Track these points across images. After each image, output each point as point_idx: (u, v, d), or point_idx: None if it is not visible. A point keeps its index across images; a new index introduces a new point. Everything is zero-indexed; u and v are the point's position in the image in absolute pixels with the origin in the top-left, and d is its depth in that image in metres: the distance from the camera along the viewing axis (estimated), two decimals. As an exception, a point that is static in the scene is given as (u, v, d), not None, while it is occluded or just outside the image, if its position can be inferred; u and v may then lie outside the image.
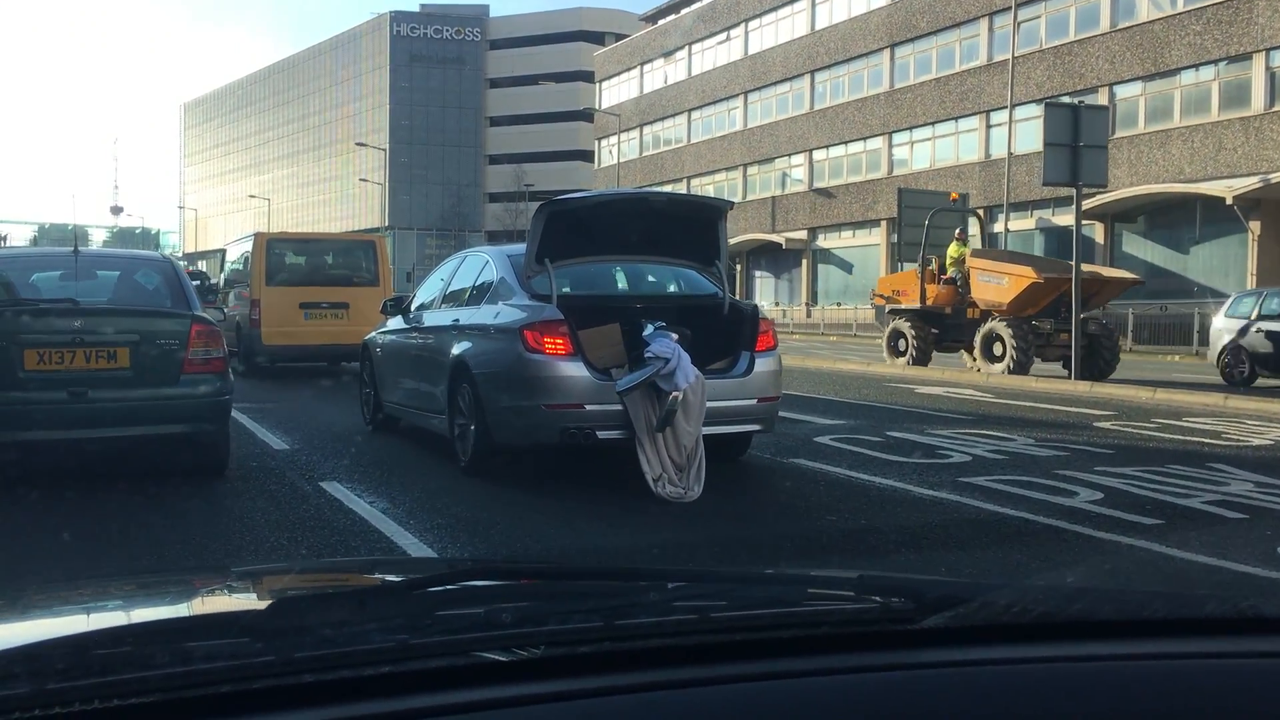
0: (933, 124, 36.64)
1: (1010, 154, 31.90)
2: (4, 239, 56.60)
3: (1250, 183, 25.41)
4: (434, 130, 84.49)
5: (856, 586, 1.46)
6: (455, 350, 7.53)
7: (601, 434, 6.68)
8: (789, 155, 43.44)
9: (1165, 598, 1.65)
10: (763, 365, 7.18)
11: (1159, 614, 1.31)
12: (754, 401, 7.15)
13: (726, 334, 7.33)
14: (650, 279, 8.40)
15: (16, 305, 6.90)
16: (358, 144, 74.69)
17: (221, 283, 17.49)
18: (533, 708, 0.99)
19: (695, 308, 7.64)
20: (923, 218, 19.78)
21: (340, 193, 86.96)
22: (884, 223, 37.91)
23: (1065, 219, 30.56)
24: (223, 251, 18.31)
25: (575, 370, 6.69)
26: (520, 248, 8.01)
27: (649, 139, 52.76)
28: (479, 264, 8.15)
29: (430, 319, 8.48)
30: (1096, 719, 1.02)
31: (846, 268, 41.26)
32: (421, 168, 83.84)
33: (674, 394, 6.54)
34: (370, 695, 1.00)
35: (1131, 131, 29.75)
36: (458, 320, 7.76)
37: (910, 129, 37.56)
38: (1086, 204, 28.64)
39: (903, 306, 19.21)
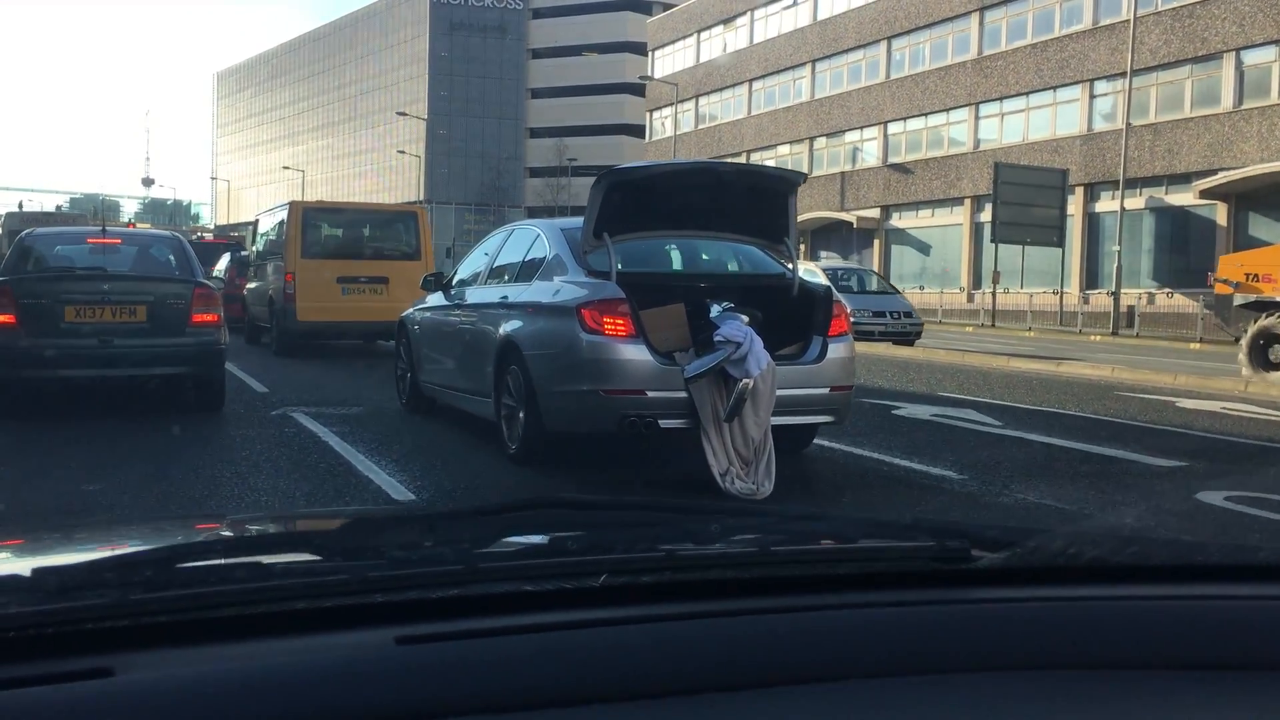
0: (1027, 94, 35.26)
1: (1128, 125, 29.34)
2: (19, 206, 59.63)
3: None
4: (474, 101, 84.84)
5: (912, 528, 1.58)
6: (503, 329, 7.34)
7: (664, 423, 6.46)
8: (860, 128, 42.58)
9: (1219, 546, 1.79)
10: (836, 351, 6.92)
11: (1213, 559, 1.39)
12: (826, 390, 6.89)
13: (796, 317, 7.08)
14: (711, 256, 8.16)
15: (58, 272, 9.44)
16: (398, 113, 74.93)
17: (254, 254, 17.41)
18: (596, 630, 1.04)
19: (762, 288, 7.39)
20: (1020, 195, 19.07)
21: (377, 165, 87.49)
22: (968, 201, 37.02)
23: (1179, 198, 29.84)
24: (254, 222, 18.13)
25: (637, 353, 6.47)
26: (574, 222, 7.80)
27: (705, 111, 52.35)
28: (529, 238, 7.95)
29: (474, 296, 8.30)
30: (1147, 653, 1.06)
31: (924, 249, 40.28)
32: (460, 140, 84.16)
33: (744, 381, 6.31)
34: (438, 616, 1.05)
35: (1261, 102, 28.08)
36: (506, 297, 7.57)
37: (1000, 99, 36.30)
38: (1207, 183, 27.90)
39: (1272, 299, 14.14)
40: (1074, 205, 31.54)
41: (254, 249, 17.67)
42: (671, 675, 1.00)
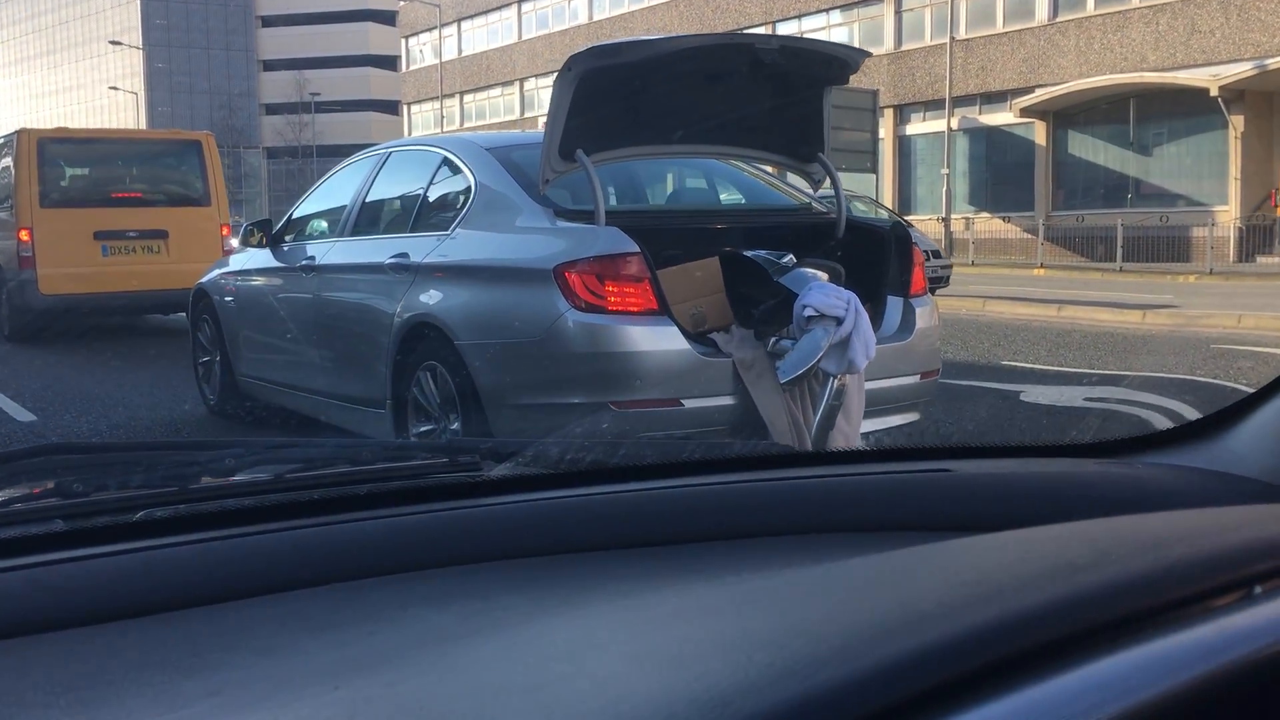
0: (827, 10, 33.46)
1: (952, 40, 28.62)
2: None
3: (1241, 70, 23.20)
4: (195, 30, 78.59)
5: (431, 448, 1.97)
6: (408, 305, 4.88)
7: None
8: None
9: (704, 445, 2.46)
10: (923, 319, 4.83)
11: (694, 456, 1.63)
12: (916, 379, 4.80)
13: (855, 269, 4.92)
14: (701, 183, 5.88)
15: None
16: (111, 42, 67.71)
17: None
18: (89, 563, 1.06)
19: (799, 228, 5.19)
20: (850, 120, 17.78)
21: (86, 104, 79.34)
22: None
23: (995, 118, 29.02)
24: None
25: (665, 339, 4.19)
26: (496, 137, 5.39)
27: (469, 38, 48.97)
28: (426, 165, 5.45)
29: (338, 253, 5.71)
30: (630, 537, 1.22)
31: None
32: (183, 75, 77.85)
33: (839, 379, 4.14)
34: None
35: (1078, 14, 27.41)
36: (405, 255, 5.05)
37: (799, 17, 34.06)
38: (1024, 101, 27.14)
39: None
40: (884, 128, 30.64)
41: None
42: (165, 594, 1.03)
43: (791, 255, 4.58)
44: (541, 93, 45.15)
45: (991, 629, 0.67)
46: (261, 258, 6.46)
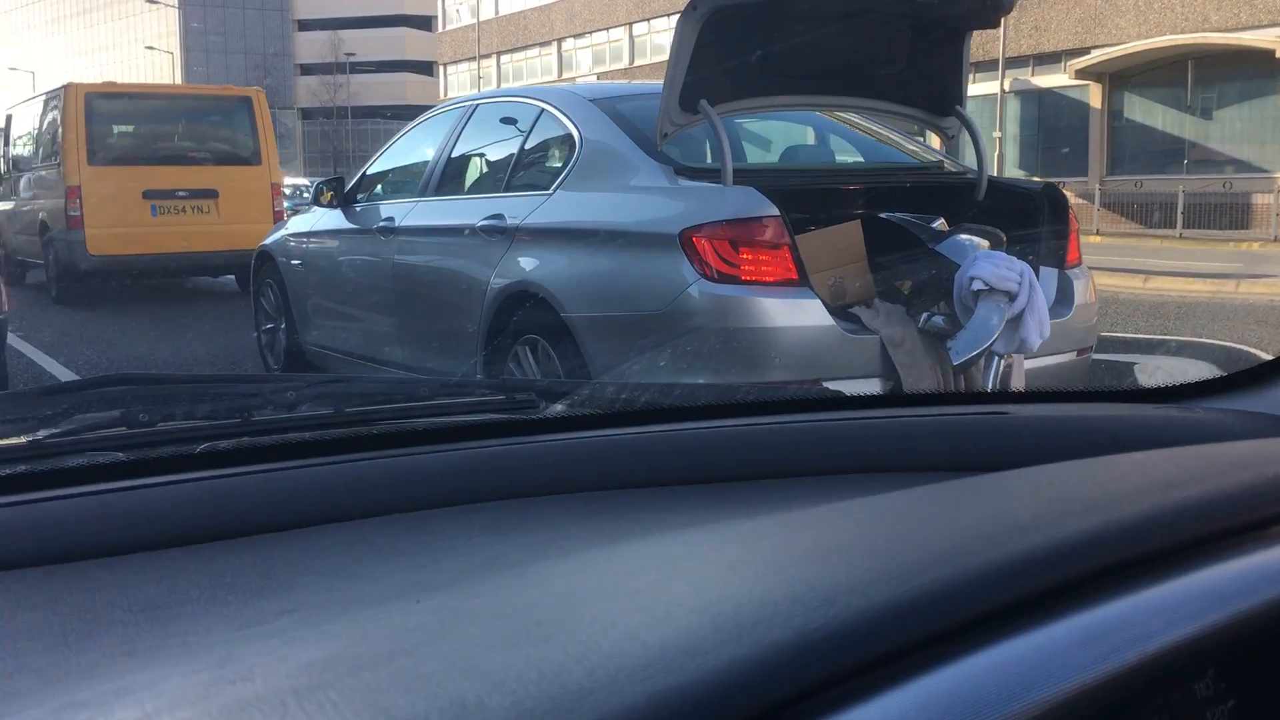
0: None
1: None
2: None
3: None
4: (231, -11, 77.84)
5: (487, 385, 1.98)
6: (503, 271, 4.41)
7: None
8: None
9: (758, 389, 2.36)
10: (1082, 293, 4.31)
11: (750, 397, 1.65)
12: (1073, 356, 4.30)
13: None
14: (804, 139, 5.36)
15: None
16: (148, 0, 67.29)
17: (4, 165, 13.18)
18: (158, 489, 1.07)
19: (936, 189, 4.67)
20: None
21: (122, 64, 79.00)
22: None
23: (1048, 79, 28.14)
24: (6, 120, 13.58)
25: (806, 313, 3.69)
26: (598, 88, 4.89)
27: (506, -3, 48.28)
28: (522, 118, 4.95)
29: (420, 214, 5.24)
30: (689, 473, 1.22)
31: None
32: (219, 34, 77.36)
33: (1005, 360, 3.65)
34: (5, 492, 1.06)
35: None
36: (500, 216, 4.57)
37: None
38: (1080, 63, 26.10)
39: None
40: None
41: (5, 156, 13.32)
42: (232, 521, 1.04)
43: (942, 219, 4.07)
44: (579, 54, 44.42)
45: (1048, 553, 0.67)
46: (332, 218, 5.98)
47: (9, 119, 13.16)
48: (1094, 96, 27.19)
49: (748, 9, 4.06)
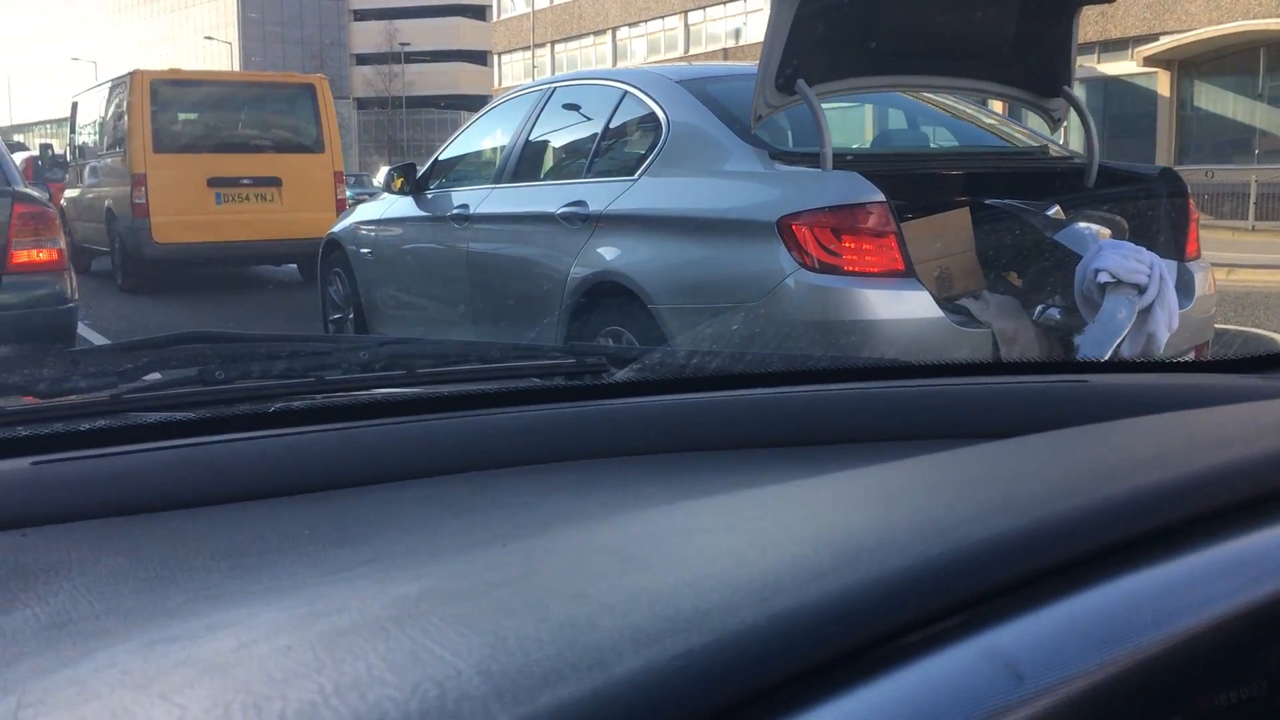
0: None
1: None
2: None
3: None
4: (288, -21, 78.45)
5: (558, 350, 1.90)
6: (585, 259, 4.23)
7: None
8: None
9: (828, 358, 2.21)
10: (1202, 285, 4.04)
11: (817, 365, 1.62)
12: (1191, 355, 4.03)
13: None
14: (896, 121, 5.12)
15: None
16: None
17: (70, 151, 13.20)
18: (237, 444, 1.08)
19: (1043, 174, 4.41)
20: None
21: (182, 54, 79.87)
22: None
23: (1115, 67, 27.48)
24: (71, 108, 13.55)
25: (914, 305, 3.47)
26: (680, 69, 4.69)
27: (561, -15, 48.09)
28: (603, 101, 4.75)
29: (497, 201, 5.06)
30: (761, 438, 1.21)
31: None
32: (275, 24, 78.01)
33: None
34: (85, 446, 1.06)
35: None
36: (582, 203, 4.37)
37: None
38: (1148, 49, 25.47)
39: None
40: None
41: (71, 144, 13.36)
42: (308, 476, 1.05)
43: (1057, 206, 3.82)
44: (634, 42, 44.17)
45: (1178, 488, 0.67)
46: (404, 205, 5.82)
47: (75, 107, 13.17)
48: (1162, 84, 26.50)
49: (849, -16, 3.84)
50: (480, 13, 67.18)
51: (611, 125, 4.61)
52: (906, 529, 0.62)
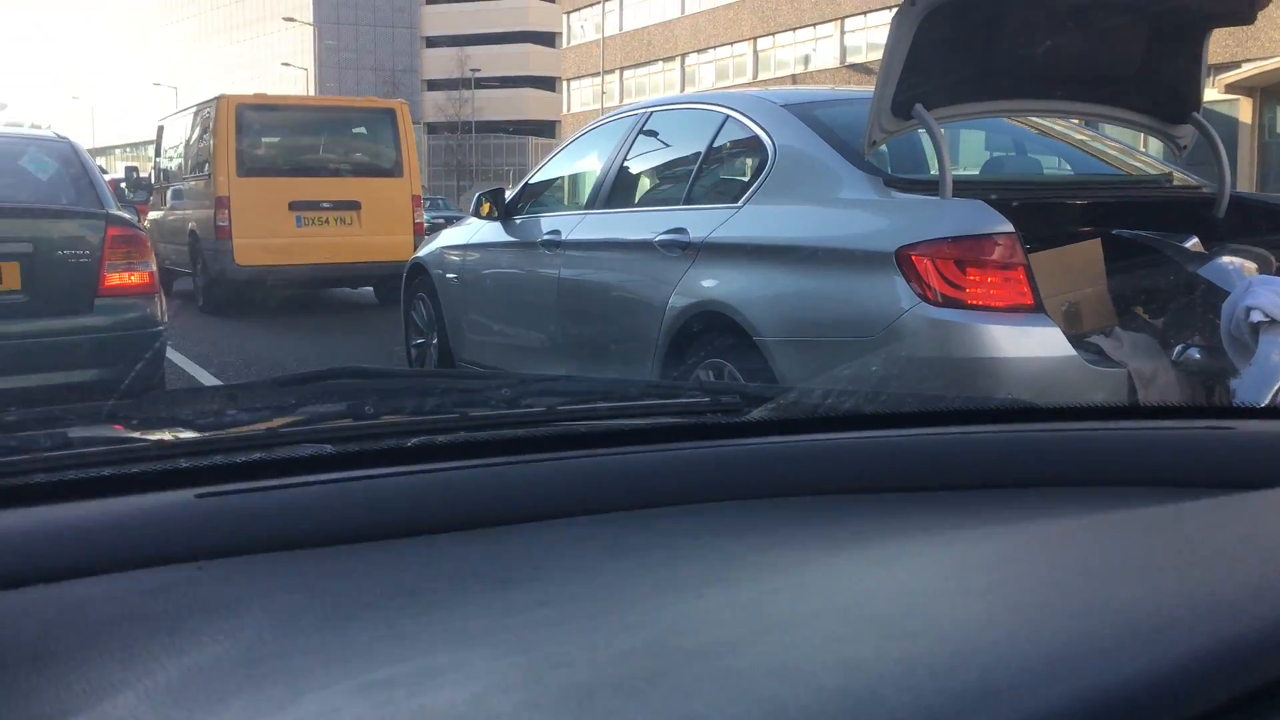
0: None
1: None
2: None
3: None
4: (364, 8, 79.95)
5: (692, 388, 1.96)
6: (685, 289, 4.06)
7: None
8: (814, 25, 38.48)
9: (962, 399, 2.10)
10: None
11: (953, 406, 1.60)
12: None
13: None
14: (1003, 149, 4.91)
15: None
16: (285, 19, 69.38)
17: (154, 174, 13.34)
18: (390, 480, 1.08)
19: (1170, 204, 4.18)
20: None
21: (260, 80, 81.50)
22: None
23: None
24: (158, 130, 13.70)
25: (1045, 343, 3.25)
26: (786, 93, 4.52)
27: (630, 13, 48.20)
28: (703, 125, 4.59)
29: (590, 227, 4.91)
30: (890, 480, 1.19)
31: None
32: (351, 51, 79.47)
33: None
34: (242, 478, 1.07)
35: None
36: (682, 231, 4.21)
37: None
38: (1230, 77, 24.98)
39: None
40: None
41: (155, 166, 13.50)
42: (461, 513, 1.05)
43: (1196, 238, 3.59)
44: (702, 68, 44.17)
45: None
46: (491, 230, 5.70)
47: (160, 130, 13.34)
48: (1244, 111, 25.89)
49: (968, 5, 3.65)
50: (550, 39, 67.79)
51: (712, 150, 4.45)
52: (1186, 606, 0.60)
